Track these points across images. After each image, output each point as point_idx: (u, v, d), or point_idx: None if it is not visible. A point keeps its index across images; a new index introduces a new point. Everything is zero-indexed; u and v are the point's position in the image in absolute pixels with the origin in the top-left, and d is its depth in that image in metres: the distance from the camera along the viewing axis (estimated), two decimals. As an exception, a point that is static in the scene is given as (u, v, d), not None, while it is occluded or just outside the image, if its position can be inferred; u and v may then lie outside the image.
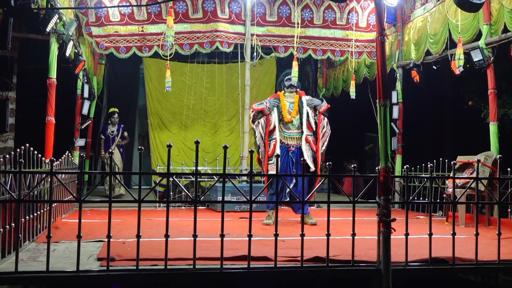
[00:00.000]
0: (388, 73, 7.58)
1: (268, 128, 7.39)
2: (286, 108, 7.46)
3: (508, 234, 6.02)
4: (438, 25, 9.17)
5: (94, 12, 9.74)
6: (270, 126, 7.38)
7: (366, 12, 10.85)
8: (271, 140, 7.40)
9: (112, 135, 11.31)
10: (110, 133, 11.30)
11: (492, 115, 7.99)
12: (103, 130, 11.42)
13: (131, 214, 7.75)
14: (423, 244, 4.87)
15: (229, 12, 10.40)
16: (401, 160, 10.55)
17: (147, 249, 4.54)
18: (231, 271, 4.11)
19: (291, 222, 7.39)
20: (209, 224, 6.49)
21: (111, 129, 11.35)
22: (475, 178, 4.68)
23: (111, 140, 11.25)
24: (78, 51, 9.39)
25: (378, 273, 4.13)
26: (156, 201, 9.27)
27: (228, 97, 12.21)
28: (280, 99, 7.54)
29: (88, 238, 5.38)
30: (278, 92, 7.79)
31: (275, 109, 7.41)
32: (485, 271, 5.14)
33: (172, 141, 11.45)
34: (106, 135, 11.27)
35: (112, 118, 11.39)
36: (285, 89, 7.62)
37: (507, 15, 7.45)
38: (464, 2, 5.92)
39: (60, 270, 3.92)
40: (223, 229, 4.03)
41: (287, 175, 7.30)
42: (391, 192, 4.20)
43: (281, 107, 7.45)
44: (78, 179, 8.15)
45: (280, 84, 7.83)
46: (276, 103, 7.47)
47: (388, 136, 4.28)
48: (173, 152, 11.85)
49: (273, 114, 7.39)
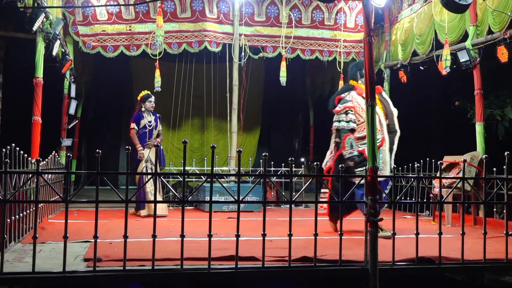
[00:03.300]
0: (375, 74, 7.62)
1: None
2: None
3: (494, 233, 6.07)
4: (425, 26, 9.23)
5: (81, 11, 9.68)
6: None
7: (354, 13, 10.90)
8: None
9: (150, 126, 8.64)
10: (147, 123, 8.62)
11: (478, 115, 8.06)
12: (136, 119, 8.54)
13: (119, 215, 7.73)
14: (410, 243, 4.90)
15: (217, 12, 10.39)
16: (388, 160, 10.62)
17: (135, 250, 4.52)
18: (218, 271, 4.10)
19: (279, 222, 7.39)
20: (197, 224, 6.47)
21: (147, 119, 8.65)
22: (461, 178, 4.71)
23: (148, 133, 8.62)
24: (65, 50, 9.33)
25: (366, 272, 4.15)
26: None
27: (216, 97, 12.18)
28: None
29: (75, 239, 5.34)
30: (356, 83, 6.54)
31: None
32: (471, 270, 5.19)
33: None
34: (140, 126, 8.54)
35: (148, 103, 8.65)
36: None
37: (490, 16, 7.53)
38: (450, 3, 5.94)
39: (46, 271, 3.88)
40: (211, 229, 4.02)
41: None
42: (378, 192, 4.23)
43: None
44: (65, 179, 8.12)
45: (355, 75, 6.62)
46: None
47: (375, 136, 4.30)
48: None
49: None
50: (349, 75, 6.73)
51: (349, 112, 6.22)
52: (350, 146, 6.12)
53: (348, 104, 6.24)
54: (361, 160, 6.08)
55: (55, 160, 7.73)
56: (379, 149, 6.08)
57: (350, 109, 6.22)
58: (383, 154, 6.16)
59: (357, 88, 6.37)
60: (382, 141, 6.16)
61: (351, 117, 6.19)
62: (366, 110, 4.28)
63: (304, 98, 15.45)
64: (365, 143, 6.05)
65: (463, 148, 8.17)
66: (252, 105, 13.54)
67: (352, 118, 6.19)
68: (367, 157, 5.85)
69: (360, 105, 6.21)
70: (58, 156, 8.56)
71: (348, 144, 6.13)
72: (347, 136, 6.17)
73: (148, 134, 8.59)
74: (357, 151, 6.11)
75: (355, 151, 6.09)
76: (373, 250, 4.09)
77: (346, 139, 6.17)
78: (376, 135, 5.94)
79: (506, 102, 9.85)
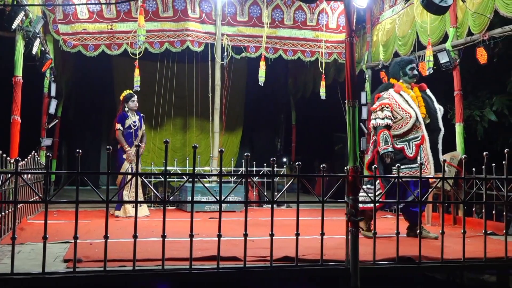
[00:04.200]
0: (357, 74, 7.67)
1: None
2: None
3: (473, 232, 6.15)
4: (406, 27, 9.32)
5: (61, 10, 9.57)
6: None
7: (336, 14, 10.95)
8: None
9: (135, 126, 8.47)
10: (132, 123, 8.44)
11: (458, 116, 8.16)
12: (121, 119, 8.38)
13: (99, 215, 7.67)
14: (390, 243, 4.94)
15: (199, 12, 10.36)
16: (370, 160, 10.71)
17: (115, 250, 4.49)
18: (200, 272, 4.09)
19: (261, 222, 7.40)
20: (179, 225, 6.44)
21: (132, 119, 8.46)
22: (441, 178, 4.76)
23: (133, 134, 8.42)
24: (45, 49, 9.22)
25: (347, 272, 4.17)
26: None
27: (198, 97, 12.14)
28: (405, 91, 6.33)
29: (55, 239, 5.29)
30: (396, 82, 6.42)
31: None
32: (451, 269, 5.24)
33: (141, 141, 11.29)
34: (125, 127, 8.38)
35: (131, 103, 8.48)
36: (408, 79, 6.37)
37: (470, 18, 7.62)
38: (431, 5, 6.01)
39: (25, 272, 3.84)
40: (192, 229, 4.01)
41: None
42: (359, 192, 4.25)
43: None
44: (45, 179, 8.03)
45: (397, 73, 6.46)
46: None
47: (357, 136, 4.33)
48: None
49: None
50: (390, 73, 6.66)
51: (384, 109, 6.15)
52: (385, 141, 6.04)
53: (384, 101, 6.19)
54: (401, 158, 6.04)
55: (34, 160, 7.64)
56: (419, 147, 6.05)
57: (386, 105, 6.15)
58: (425, 152, 6.06)
59: (395, 86, 6.33)
60: (422, 139, 6.08)
61: (387, 114, 6.11)
62: (347, 110, 4.29)
63: (286, 98, 15.50)
64: (403, 140, 6.13)
65: (443, 148, 8.23)
66: (234, 105, 13.54)
67: (387, 115, 6.11)
68: (411, 155, 6.00)
69: (397, 102, 6.16)
70: (38, 156, 8.47)
71: (383, 140, 6.06)
72: (381, 132, 6.09)
73: (134, 134, 8.41)
74: (392, 147, 6.04)
75: (390, 146, 6.00)
76: (354, 250, 4.11)
77: (380, 135, 6.09)
78: (419, 132, 6.06)
79: (485, 103, 9.98)
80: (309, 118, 14.75)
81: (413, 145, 6.07)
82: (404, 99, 6.19)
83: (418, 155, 6.01)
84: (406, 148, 6.09)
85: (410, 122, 6.08)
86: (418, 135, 6.09)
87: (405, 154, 6.07)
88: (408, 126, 6.09)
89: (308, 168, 12.88)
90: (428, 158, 6.02)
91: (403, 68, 6.38)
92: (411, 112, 6.09)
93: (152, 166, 10.37)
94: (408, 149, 6.08)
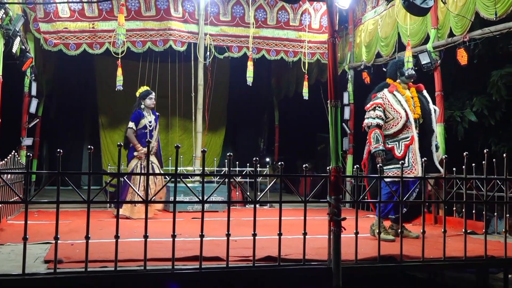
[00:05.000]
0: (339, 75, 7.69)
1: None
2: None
3: (454, 232, 6.23)
4: (389, 28, 9.39)
5: (42, 8, 9.47)
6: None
7: (318, 14, 10.99)
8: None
9: (151, 126, 7.97)
10: (148, 123, 7.95)
11: (439, 116, 8.23)
12: (136, 118, 7.94)
13: (81, 215, 7.60)
14: (372, 242, 4.97)
15: (182, 11, 10.32)
16: (352, 160, 10.78)
17: (97, 251, 4.46)
18: (182, 272, 4.08)
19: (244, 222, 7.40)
20: (161, 225, 6.43)
21: (148, 118, 7.98)
22: (422, 178, 4.81)
23: (148, 134, 7.91)
24: (26, 48, 9.11)
25: (329, 271, 4.19)
26: (107, 202, 9.10)
27: (181, 97, 12.10)
28: (400, 91, 6.34)
29: (35, 240, 5.23)
30: (392, 82, 6.47)
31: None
32: (432, 268, 5.29)
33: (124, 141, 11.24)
34: (140, 127, 7.90)
35: (148, 100, 8.02)
36: (405, 79, 6.39)
37: (452, 20, 7.71)
38: (412, 6, 6.06)
39: (5, 274, 3.79)
40: (175, 230, 4.00)
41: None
42: (341, 192, 4.27)
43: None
44: (25, 179, 7.93)
45: (394, 73, 6.50)
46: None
47: (339, 136, 4.34)
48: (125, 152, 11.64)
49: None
50: (387, 73, 6.66)
51: (376, 108, 6.18)
52: (376, 140, 6.07)
53: (377, 101, 6.23)
54: (390, 158, 6.08)
55: (14, 160, 7.54)
56: (408, 148, 6.06)
57: (378, 105, 6.19)
58: (413, 153, 6.05)
59: (390, 86, 6.37)
60: (411, 139, 6.09)
61: (378, 113, 6.15)
62: (330, 110, 4.31)
63: (269, 98, 15.52)
64: (394, 140, 6.15)
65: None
66: (217, 105, 13.51)
67: (379, 114, 6.15)
68: (400, 155, 5.97)
69: (389, 102, 6.20)
70: (18, 156, 8.36)
71: (374, 139, 6.09)
72: (373, 130, 6.14)
73: (149, 134, 7.90)
74: (383, 146, 6.07)
75: (381, 145, 6.04)
76: (336, 249, 4.13)
77: (372, 133, 6.13)
78: (409, 133, 6.04)
79: (465, 103, 10.09)
80: (292, 118, 14.79)
81: (402, 145, 6.09)
82: (396, 100, 6.22)
83: (406, 155, 6.03)
84: (396, 148, 6.12)
85: (400, 122, 6.11)
86: (408, 136, 6.11)
87: (394, 153, 6.11)
88: (398, 127, 6.12)
89: (291, 168, 12.90)
90: (416, 159, 6.01)
91: (400, 68, 6.43)
92: (402, 112, 6.11)
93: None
94: (397, 149, 6.11)
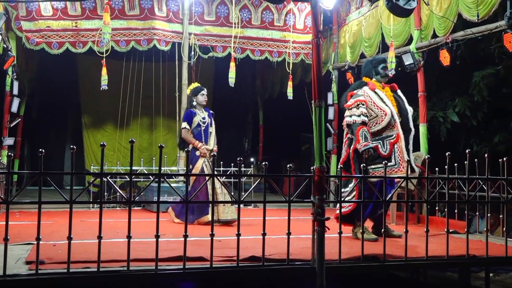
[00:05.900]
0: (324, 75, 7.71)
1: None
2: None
3: (436, 231, 6.28)
4: (372, 29, 9.45)
5: (24, 6, 9.37)
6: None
7: (303, 14, 11.02)
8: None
9: (205, 124, 7.61)
10: (201, 120, 7.60)
11: (422, 117, 8.32)
12: (188, 117, 7.55)
13: (63, 216, 7.52)
14: (356, 242, 5.00)
15: (166, 10, 10.28)
16: (336, 160, 10.81)
17: (80, 252, 4.42)
18: (166, 272, 4.06)
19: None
20: (145, 225, 6.38)
21: (201, 116, 7.63)
22: (405, 178, 4.84)
23: (203, 133, 7.57)
24: (7, 46, 9.01)
25: (313, 271, 4.19)
26: (90, 202, 9.03)
27: (165, 96, 12.05)
28: (379, 89, 6.24)
29: (16, 241, 5.17)
30: (369, 80, 6.33)
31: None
32: (414, 267, 5.34)
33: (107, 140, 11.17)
34: (193, 126, 7.54)
35: (200, 96, 7.63)
36: (380, 78, 6.31)
37: (436, 21, 7.78)
38: (395, 7, 6.09)
39: (-15, 275, 3.74)
40: (158, 230, 3.98)
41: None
42: (325, 192, 4.28)
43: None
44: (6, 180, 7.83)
45: (370, 72, 6.37)
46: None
47: (323, 136, 4.35)
48: (108, 152, 11.57)
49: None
50: (363, 72, 6.53)
51: (360, 105, 6.01)
52: (365, 138, 5.88)
53: (359, 98, 6.05)
54: (375, 157, 5.92)
55: (-4, 160, 7.46)
56: (393, 146, 5.96)
57: (362, 102, 6.02)
58: (400, 151, 5.96)
59: (369, 84, 6.24)
60: (396, 137, 5.98)
61: (362, 111, 5.97)
62: (314, 110, 4.32)
63: (253, 98, 15.53)
64: (377, 138, 5.99)
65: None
66: (201, 105, 13.46)
67: (363, 112, 5.97)
68: (385, 154, 5.86)
69: (372, 100, 6.06)
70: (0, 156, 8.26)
71: (362, 136, 5.88)
72: (360, 128, 5.92)
73: (204, 133, 7.57)
74: (371, 143, 5.91)
75: (370, 143, 5.86)
76: (320, 249, 4.14)
77: (359, 131, 5.91)
78: (394, 131, 5.99)
79: (448, 104, 10.19)
80: (276, 118, 14.82)
81: (387, 144, 5.97)
82: (379, 97, 6.11)
83: (392, 154, 5.94)
84: (380, 146, 5.98)
85: (385, 120, 5.97)
86: (393, 134, 6.00)
87: (379, 152, 5.95)
88: (383, 124, 5.99)
89: (275, 168, 12.91)
90: (403, 157, 5.92)
91: (376, 67, 6.31)
92: (386, 110, 6.00)
93: (118, 166, 10.24)
94: (382, 148, 5.97)
